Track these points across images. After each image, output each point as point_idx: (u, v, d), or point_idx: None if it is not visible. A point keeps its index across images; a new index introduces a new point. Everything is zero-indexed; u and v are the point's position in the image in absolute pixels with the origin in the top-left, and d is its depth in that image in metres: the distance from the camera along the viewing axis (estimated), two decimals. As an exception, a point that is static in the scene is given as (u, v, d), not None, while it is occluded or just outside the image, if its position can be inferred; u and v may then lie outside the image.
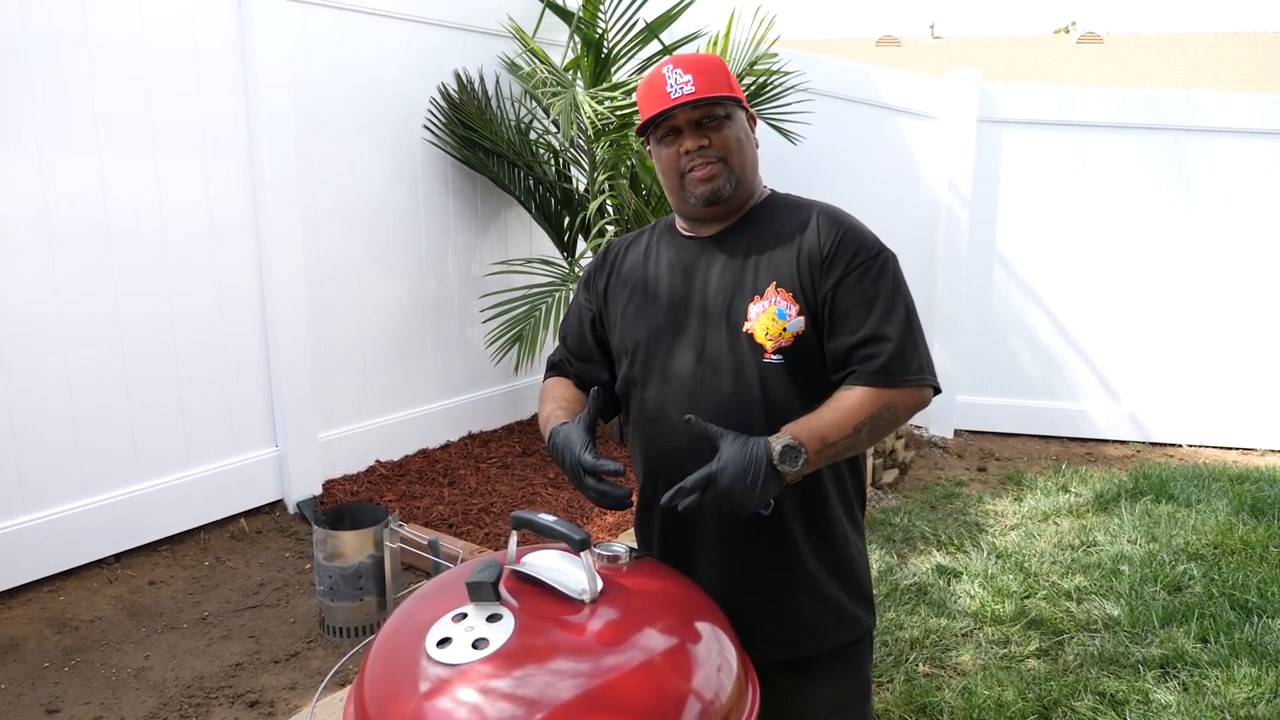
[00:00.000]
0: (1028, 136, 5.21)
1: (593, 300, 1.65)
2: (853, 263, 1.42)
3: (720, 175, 1.46)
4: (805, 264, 1.44)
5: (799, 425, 1.34)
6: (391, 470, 4.26)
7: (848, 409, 1.37)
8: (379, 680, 1.16)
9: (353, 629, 2.94)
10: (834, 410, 1.37)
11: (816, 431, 1.33)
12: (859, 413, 1.36)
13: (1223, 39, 19.16)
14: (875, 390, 1.38)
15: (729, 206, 1.50)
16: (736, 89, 1.49)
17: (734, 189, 1.48)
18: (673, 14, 4.42)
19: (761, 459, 1.28)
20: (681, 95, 1.42)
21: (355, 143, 4.07)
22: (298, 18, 3.75)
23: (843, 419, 1.36)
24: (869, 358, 1.40)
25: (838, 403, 1.38)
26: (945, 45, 21.50)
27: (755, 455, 1.28)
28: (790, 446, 1.29)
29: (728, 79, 1.47)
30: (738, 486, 1.26)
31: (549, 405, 1.60)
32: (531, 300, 4.41)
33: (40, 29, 3.01)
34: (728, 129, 1.47)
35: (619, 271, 1.62)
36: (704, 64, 1.46)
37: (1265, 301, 5.22)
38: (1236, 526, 3.91)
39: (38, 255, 3.09)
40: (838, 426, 1.35)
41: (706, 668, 1.19)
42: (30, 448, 3.13)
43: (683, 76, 1.43)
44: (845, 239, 1.44)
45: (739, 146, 1.48)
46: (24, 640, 2.88)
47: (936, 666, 2.87)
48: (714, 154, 1.46)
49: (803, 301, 1.43)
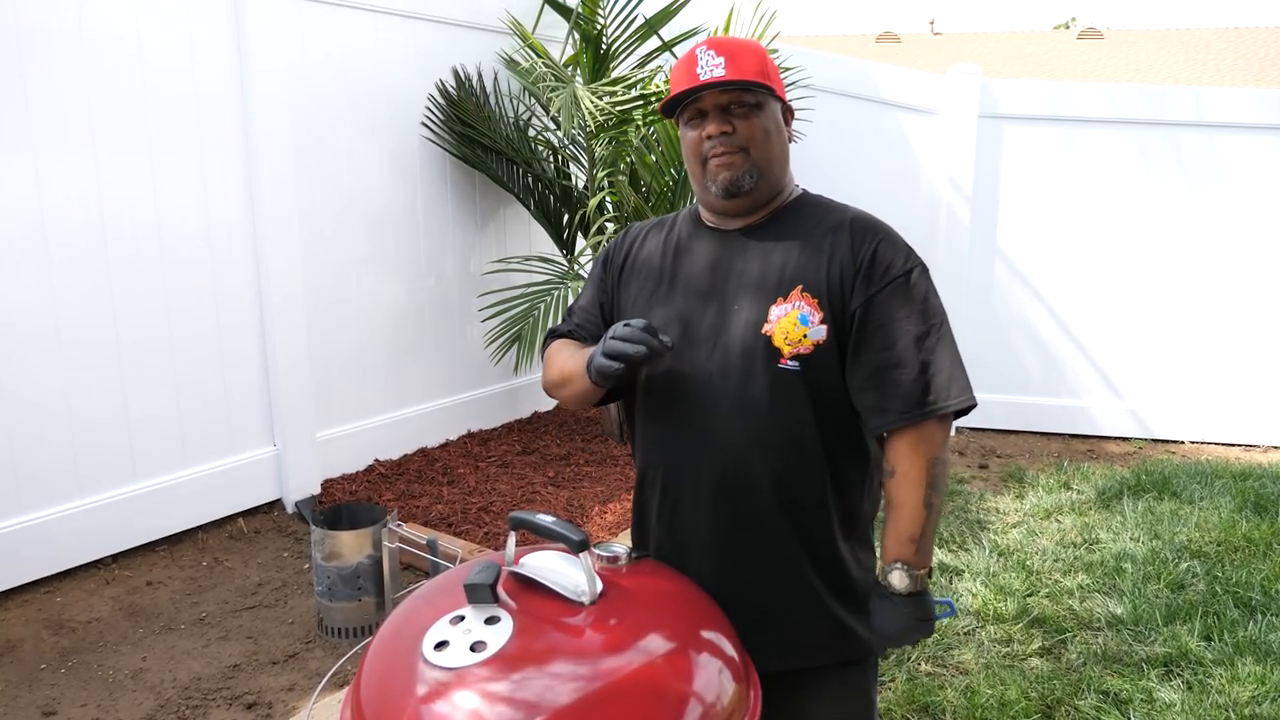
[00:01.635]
0: (1029, 132, 5.18)
1: (609, 279, 1.59)
2: (886, 278, 1.37)
3: (741, 165, 1.40)
4: (837, 273, 1.38)
5: (889, 550, 1.39)
6: (390, 469, 4.24)
7: (909, 500, 1.37)
8: (376, 684, 1.14)
9: (351, 629, 2.93)
10: (900, 510, 1.37)
11: (904, 540, 1.38)
12: (917, 489, 1.36)
13: (1223, 34, 19.14)
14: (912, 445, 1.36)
15: (752, 200, 1.44)
16: (773, 77, 1.41)
17: (755, 182, 1.41)
18: (672, 10, 4.40)
19: (899, 602, 1.37)
20: (710, 77, 1.36)
21: (353, 140, 4.05)
22: (294, 14, 3.72)
23: (913, 512, 1.37)
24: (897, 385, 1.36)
25: (897, 499, 1.38)
26: (945, 41, 21.49)
27: (892, 604, 1.38)
28: (903, 571, 1.37)
29: (764, 66, 1.39)
30: (903, 635, 1.39)
31: (566, 352, 1.52)
32: (530, 299, 4.40)
33: (33, 27, 2.99)
34: (756, 118, 1.39)
35: (637, 254, 1.56)
36: (740, 48, 1.38)
37: (1267, 297, 5.20)
38: (1239, 523, 3.89)
39: (33, 255, 3.07)
40: (914, 521, 1.36)
41: (708, 670, 1.17)
42: (26, 448, 3.11)
43: (715, 58, 1.37)
44: (880, 251, 1.38)
45: (765, 138, 1.40)
46: (20, 642, 2.86)
47: (938, 665, 2.86)
48: (737, 142, 1.39)
49: (828, 310, 1.37)
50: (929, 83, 5.29)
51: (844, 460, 1.44)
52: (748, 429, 1.40)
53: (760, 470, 1.40)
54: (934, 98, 5.23)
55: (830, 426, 1.41)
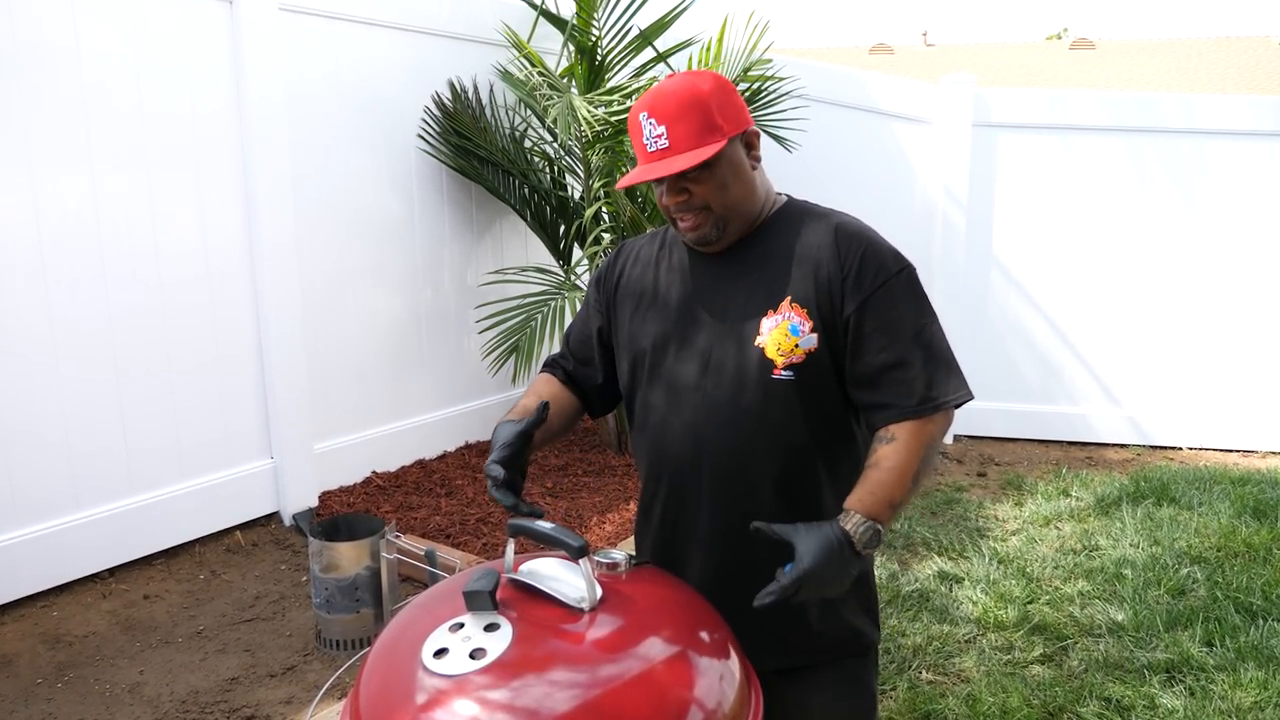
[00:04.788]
0: (1023, 141, 5.21)
1: (602, 300, 1.62)
2: (876, 281, 1.39)
3: (705, 224, 1.41)
4: (825, 282, 1.40)
5: (862, 499, 1.31)
6: (388, 481, 4.23)
7: (898, 463, 1.34)
8: (375, 692, 1.13)
9: (349, 641, 2.91)
10: (887, 470, 1.33)
11: (882, 499, 1.31)
12: (910, 461, 1.34)
13: (1214, 43, 19.26)
14: (914, 427, 1.35)
15: (726, 242, 1.46)
16: (725, 120, 1.37)
17: (723, 230, 1.43)
18: (666, 21, 4.42)
19: (843, 550, 1.26)
20: (655, 151, 1.37)
21: (349, 152, 4.06)
22: (290, 29, 3.74)
23: (899, 476, 1.33)
24: (899, 384, 1.37)
25: (886, 461, 1.34)
26: (938, 53, 21.61)
27: (836, 549, 1.26)
28: (867, 526, 1.28)
29: (709, 119, 1.35)
30: (828, 580, 1.26)
31: (525, 399, 1.60)
32: (527, 310, 4.39)
33: (30, 41, 3.00)
34: (708, 178, 1.38)
35: (630, 273, 1.59)
36: (680, 107, 1.34)
37: (1263, 303, 5.21)
38: (1239, 529, 3.89)
39: (30, 270, 3.07)
40: (898, 484, 1.32)
41: (709, 676, 1.16)
42: (23, 461, 3.10)
43: (656, 128, 1.36)
44: (867, 256, 1.40)
45: (723, 191, 1.39)
46: (16, 656, 2.84)
47: (940, 673, 2.85)
48: (696, 204, 1.40)
49: (818, 319, 1.40)
50: (923, 92, 5.31)
51: (838, 457, 1.47)
52: (743, 438, 1.43)
53: (756, 475, 1.44)
54: (928, 107, 5.26)
55: (823, 427, 1.44)
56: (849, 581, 1.29)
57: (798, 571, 1.24)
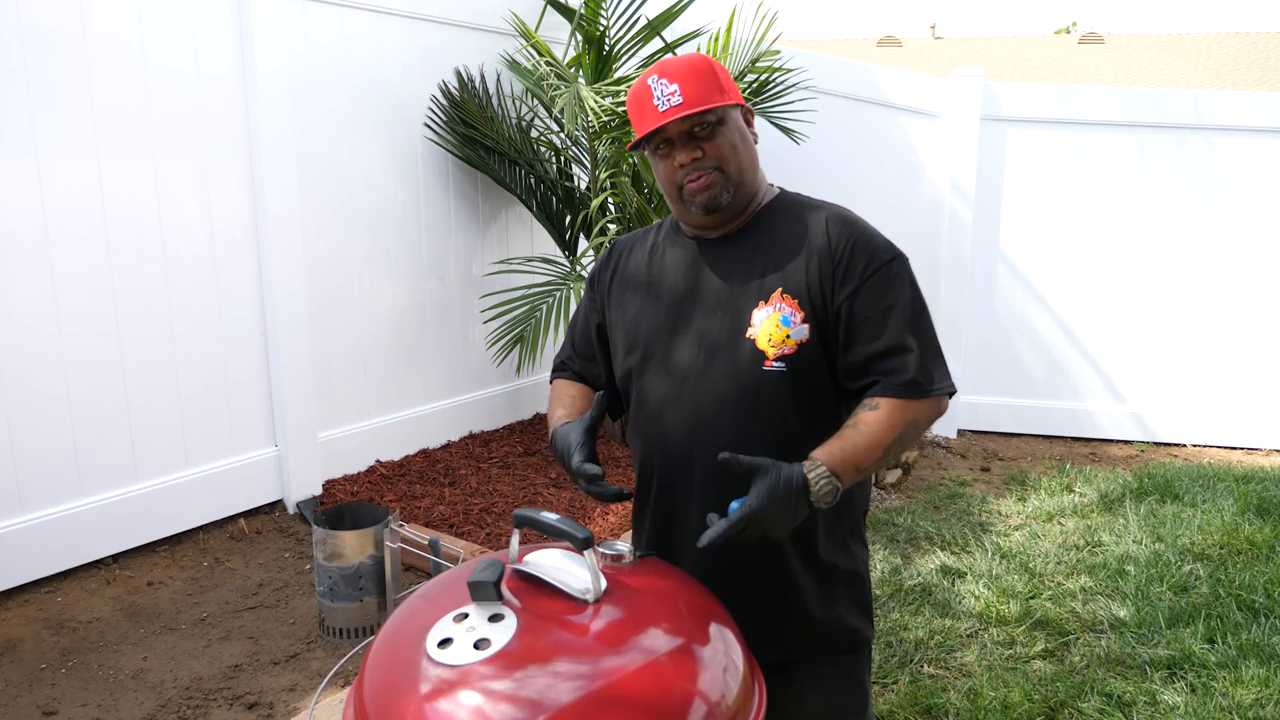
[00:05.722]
0: (1032, 135, 5.18)
1: (597, 298, 1.65)
2: (868, 270, 1.40)
3: (718, 184, 1.43)
4: (815, 272, 1.41)
5: (831, 453, 1.31)
6: (392, 470, 4.24)
7: (876, 430, 1.34)
8: (379, 681, 1.13)
9: (353, 630, 2.92)
10: (863, 434, 1.34)
11: (850, 459, 1.31)
12: (888, 432, 1.34)
13: (1224, 38, 19.15)
14: (901, 405, 1.36)
15: (731, 211, 1.47)
16: (728, 89, 1.44)
17: (733, 195, 1.45)
18: (674, 11, 4.40)
19: (798, 495, 1.26)
20: (669, 108, 1.39)
21: (356, 141, 4.05)
22: (297, 15, 3.73)
23: (873, 442, 1.33)
24: (893, 370, 1.38)
25: (865, 425, 1.35)
26: (946, 46, 21.49)
27: (790, 492, 1.25)
28: (828, 480, 1.27)
29: (716, 81, 1.42)
30: (776, 521, 1.25)
31: (558, 409, 1.60)
32: (532, 300, 4.39)
33: (37, 27, 2.99)
34: (721, 135, 1.42)
35: (624, 269, 1.61)
36: (690, 69, 1.41)
37: (1270, 300, 5.20)
38: (1242, 526, 3.88)
39: (35, 255, 3.07)
40: (869, 450, 1.33)
41: (712, 668, 1.16)
42: (27, 448, 3.11)
43: (668, 87, 1.39)
44: (858, 245, 1.41)
45: (734, 152, 1.44)
46: (21, 642, 2.86)
47: (941, 668, 2.85)
48: (709, 164, 1.42)
49: (809, 309, 1.40)
50: (931, 85, 5.29)
51: None
52: (735, 429, 1.43)
53: None
54: (936, 100, 5.23)
55: (815, 419, 1.44)
56: (793, 525, 1.28)
57: (746, 508, 1.24)
